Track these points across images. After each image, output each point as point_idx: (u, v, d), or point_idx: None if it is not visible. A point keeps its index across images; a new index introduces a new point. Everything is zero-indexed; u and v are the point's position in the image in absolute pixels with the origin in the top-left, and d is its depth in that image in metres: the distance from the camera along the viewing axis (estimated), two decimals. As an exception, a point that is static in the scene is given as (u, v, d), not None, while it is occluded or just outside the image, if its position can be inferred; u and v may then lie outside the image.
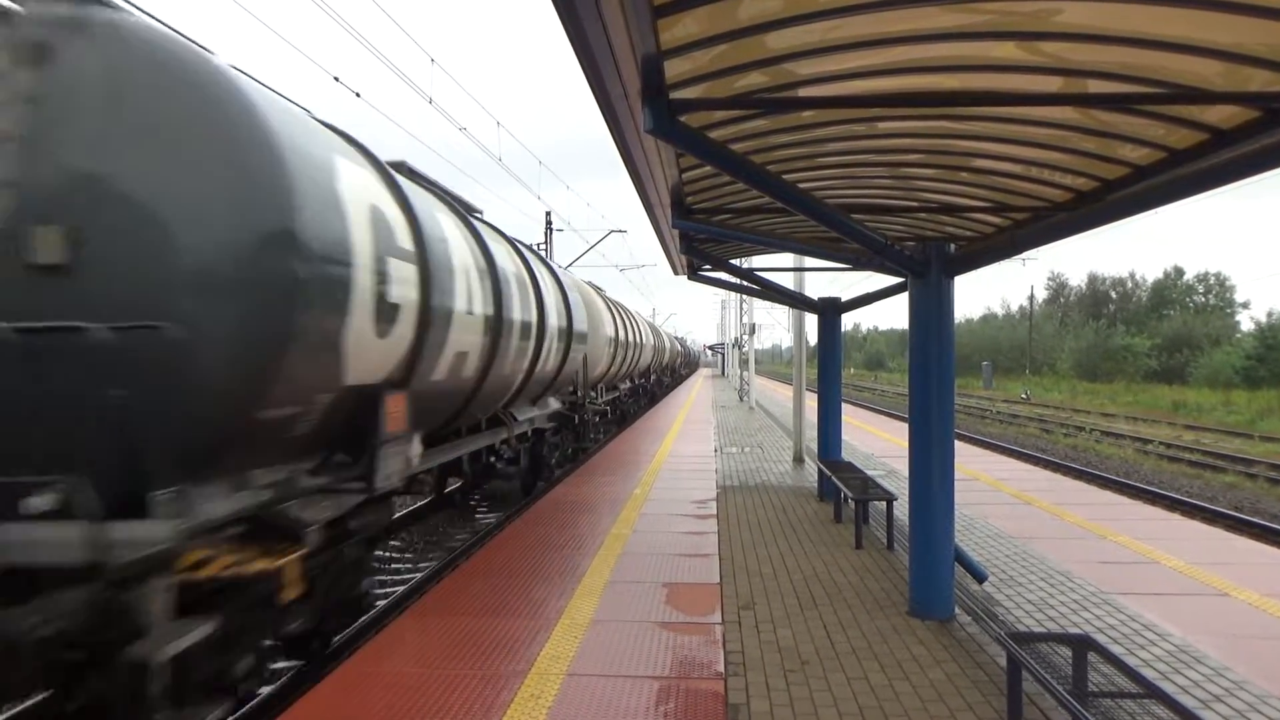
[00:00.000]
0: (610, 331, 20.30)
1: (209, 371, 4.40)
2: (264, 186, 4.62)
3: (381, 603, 8.60)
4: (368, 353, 5.89)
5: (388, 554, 11.38)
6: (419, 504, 13.68)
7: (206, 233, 4.42)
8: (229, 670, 4.95)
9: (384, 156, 7.70)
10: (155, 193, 4.40)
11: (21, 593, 4.06)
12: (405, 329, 6.61)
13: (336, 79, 13.90)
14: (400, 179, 7.39)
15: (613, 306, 23.27)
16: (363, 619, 7.60)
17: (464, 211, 9.81)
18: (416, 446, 7.04)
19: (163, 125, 4.49)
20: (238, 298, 4.46)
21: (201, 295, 4.37)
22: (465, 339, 8.20)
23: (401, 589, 9.45)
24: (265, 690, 6.58)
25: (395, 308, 6.30)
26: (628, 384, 28.03)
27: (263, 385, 4.66)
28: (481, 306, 8.71)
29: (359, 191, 5.95)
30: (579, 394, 16.43)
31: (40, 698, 5.07)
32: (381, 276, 6.02)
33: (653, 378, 38.28)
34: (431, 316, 7.09)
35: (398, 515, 12.59)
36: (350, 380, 5.68)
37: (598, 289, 23.24)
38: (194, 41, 4.87)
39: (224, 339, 4.42)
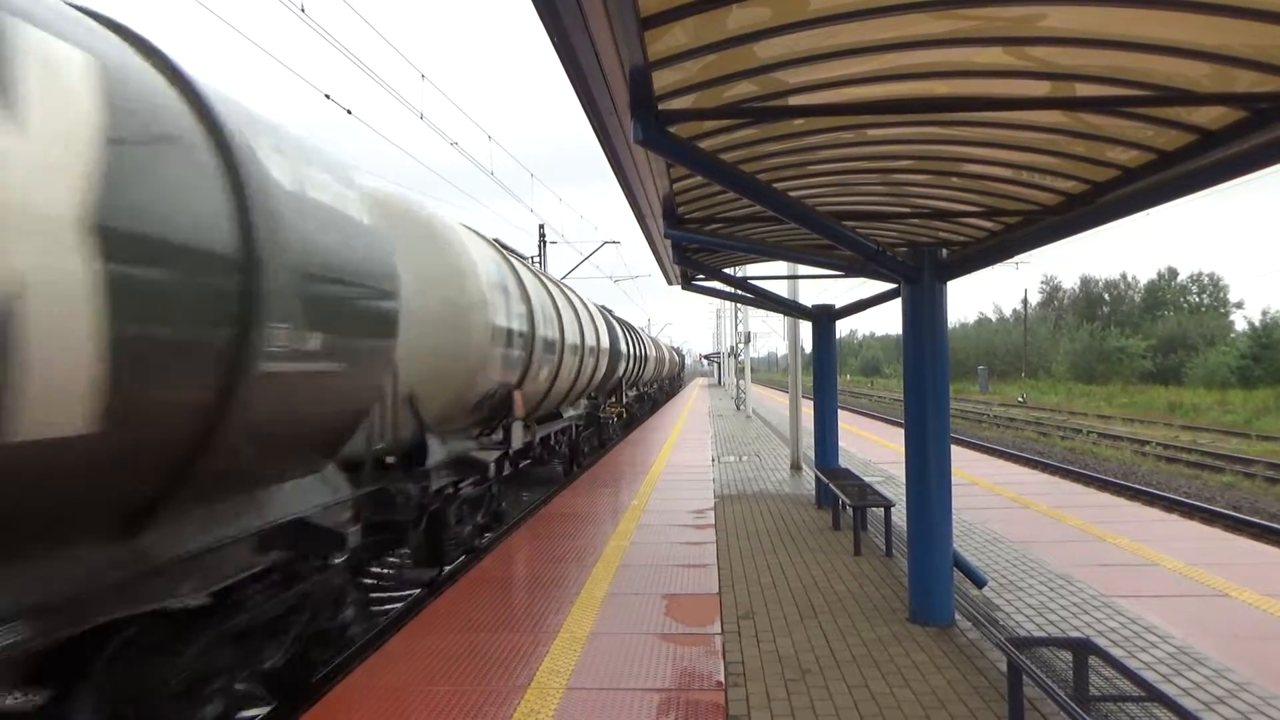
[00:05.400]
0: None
1: None
2: None
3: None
4: None
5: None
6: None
7: None
8: None
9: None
10: None
11: None
12: None
13: (328, 96, 13.91)
14: None
15: (542, 278, 14.32)
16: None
17: None
18: None
19: None
20: None
21: None
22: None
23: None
24: (261, 711, 6.53)
25: None
26: (572, 413, 16.76)
27: None
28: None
29: None
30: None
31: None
32: None
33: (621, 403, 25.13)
34: None
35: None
36: None
37: (524, 259, 13.63)
38: None
39: None
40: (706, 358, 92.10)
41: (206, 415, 4.11)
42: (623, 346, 23.70)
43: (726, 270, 12.38)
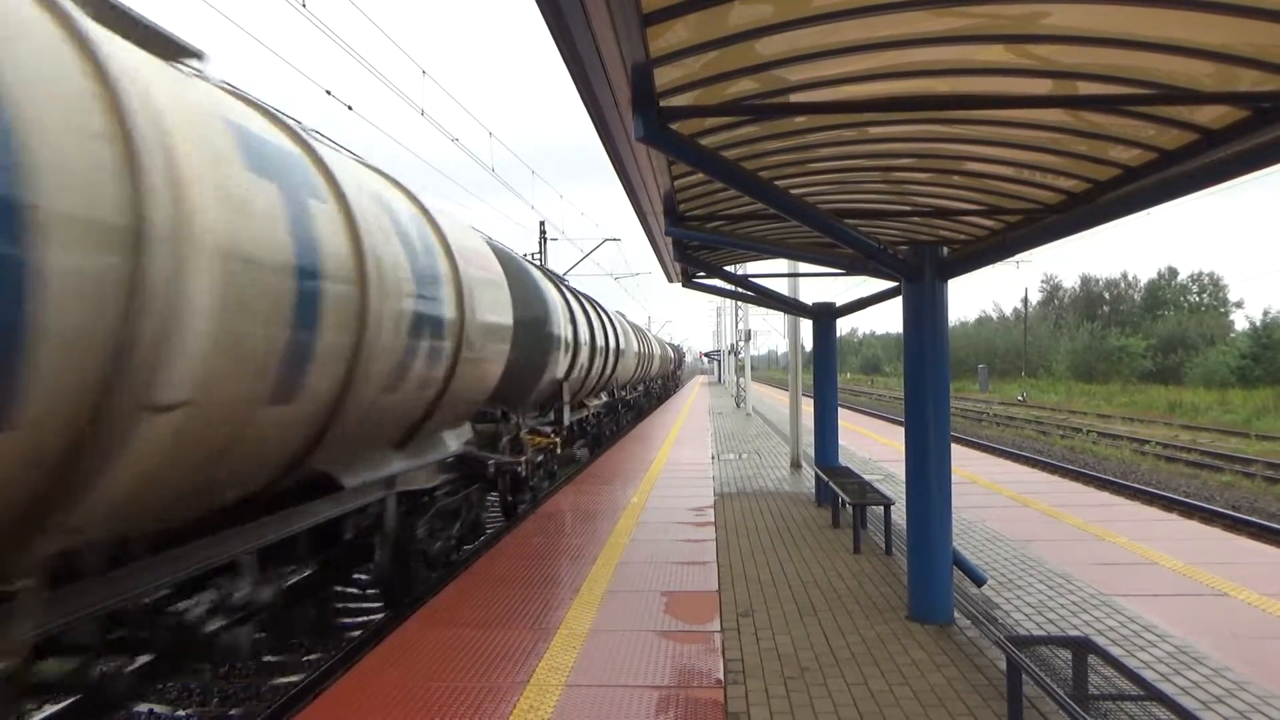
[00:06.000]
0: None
1: None
2: None
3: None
4: None
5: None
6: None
7: None
8: None
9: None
10: None
11: None
12: None
13: (329, 92, 13.89)
14: None
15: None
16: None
17: None
18: None
19: None
20: None
21: None
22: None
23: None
24: (261, 709, 6.54)
25: None
26: (414, 463, 8.06)
27: None
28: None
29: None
30: None
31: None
32: None
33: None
34: None
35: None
36: None
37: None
38: None
39: None
40: (707, 355, 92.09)
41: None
42: (560, 330, 14.09)
43: (727, 268, 12.37)
